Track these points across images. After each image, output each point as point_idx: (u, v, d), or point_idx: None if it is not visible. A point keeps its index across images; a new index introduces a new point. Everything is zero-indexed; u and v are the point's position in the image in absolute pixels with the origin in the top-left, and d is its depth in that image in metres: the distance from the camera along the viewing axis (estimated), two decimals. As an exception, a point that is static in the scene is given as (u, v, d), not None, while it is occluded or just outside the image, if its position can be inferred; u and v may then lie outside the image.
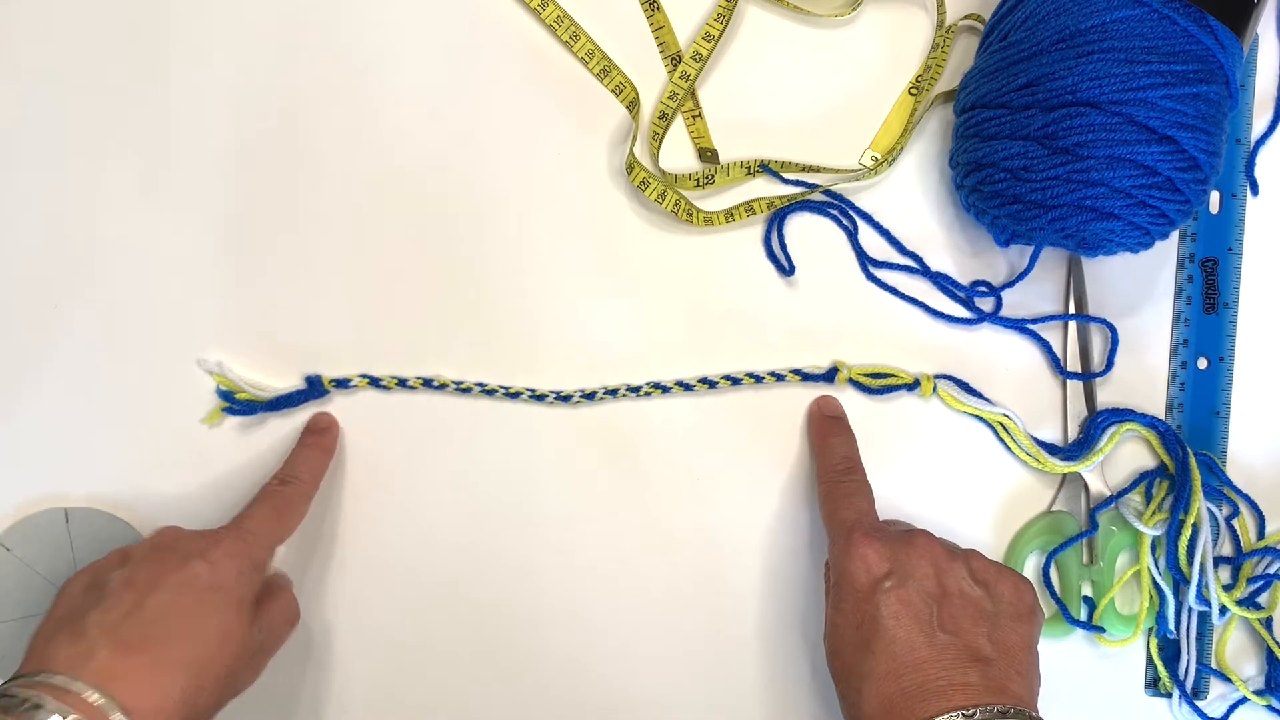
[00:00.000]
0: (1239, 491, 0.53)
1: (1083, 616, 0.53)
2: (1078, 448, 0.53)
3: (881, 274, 0.54)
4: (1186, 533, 0.51)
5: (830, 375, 0.53)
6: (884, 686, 0.42)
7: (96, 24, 0.54)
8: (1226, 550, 0.54)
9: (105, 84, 0.54)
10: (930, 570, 0.45)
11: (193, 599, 0.44)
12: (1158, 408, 0.54)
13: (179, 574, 0.44)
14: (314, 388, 0.53)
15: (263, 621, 0.47)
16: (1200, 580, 0.52)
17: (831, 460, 0.51)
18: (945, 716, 0.40)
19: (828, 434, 0.52)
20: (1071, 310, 0.54)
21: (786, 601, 0.54)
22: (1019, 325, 0.54)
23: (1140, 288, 0.55)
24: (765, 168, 0.54)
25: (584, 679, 0.54)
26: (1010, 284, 0.53)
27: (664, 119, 0.54)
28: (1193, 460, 0.52)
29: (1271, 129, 0.55)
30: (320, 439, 0.53)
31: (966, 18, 0.54)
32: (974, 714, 0.40)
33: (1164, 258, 0.55)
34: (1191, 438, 0.54)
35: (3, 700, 0.39)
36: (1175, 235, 0.54)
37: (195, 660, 0.42)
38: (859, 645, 0.44)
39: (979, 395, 0.54)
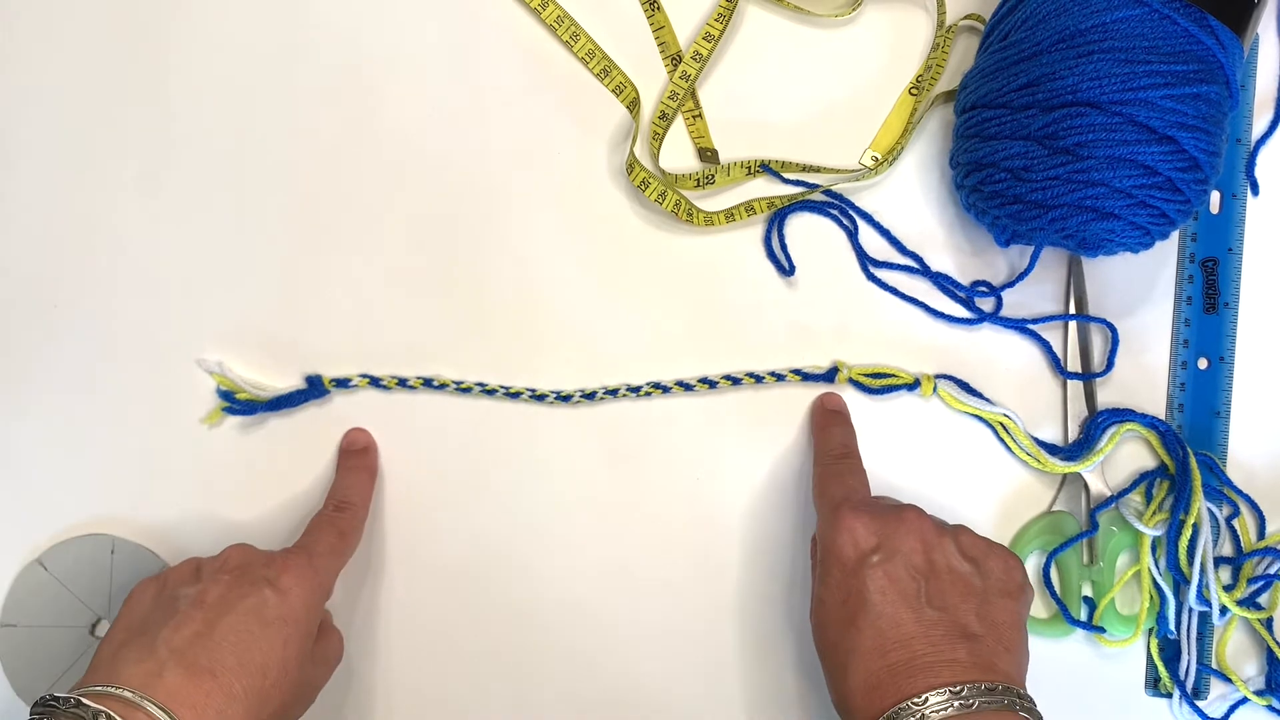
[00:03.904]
0: (1239, 491, 0.53)
1: (1083, 617, 0.53)
2: (1078, 448, 0.53)
3: (881, 274, 0.54)
4: (1187, 533, 0.51)
5: (830, 375, 0.53)
6: (870, 662, 0.41)
7: (97, 24, 0.54)
8: (1227, 550, 0.54)
9: (105, 84, 0.54)
10: (918, 545, 0.44)
11: (260, 628, 0.43)
12: (1158, 408, 0.54)
13: (249, 600, 0.44)
14: (314, 388, 0.53)
15: (318, 656, 0.47)
16: (1200, 580, 0.52)
17: (829, 445, 0.51)
18: (932, 693, 0.39)
19: (828, 424, 0.52)
20: (1072, 310, 0.54)
21: (784, 600, 0.54)
22: (1019, 325, 0.54)
23: (1140, 288, 0.55)
24: (765, 168, 0.54)
25: (583, 673, 0.54)
26: (1010, 284, 0.53)
27: (664, 119, 0.54)
28: (1193, 460, 0.52)
29: (1272, 129, 0.55)
30: (364, 460, 0.53)
31: (967, 18, 0.54)
32: (961, 690, 0.39)
33: (1164, 258, 0.55)
34: (1192, 438, 0.54)
35: (74, 710, 0.39)
36: (1175, 235, 0.54)
37: (258, 691, 0.42)
38: (845, 621, 0.43)
39: (979, 395, 0.54)
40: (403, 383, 0.53)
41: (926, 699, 0.39)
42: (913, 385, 0.53)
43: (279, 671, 0.43)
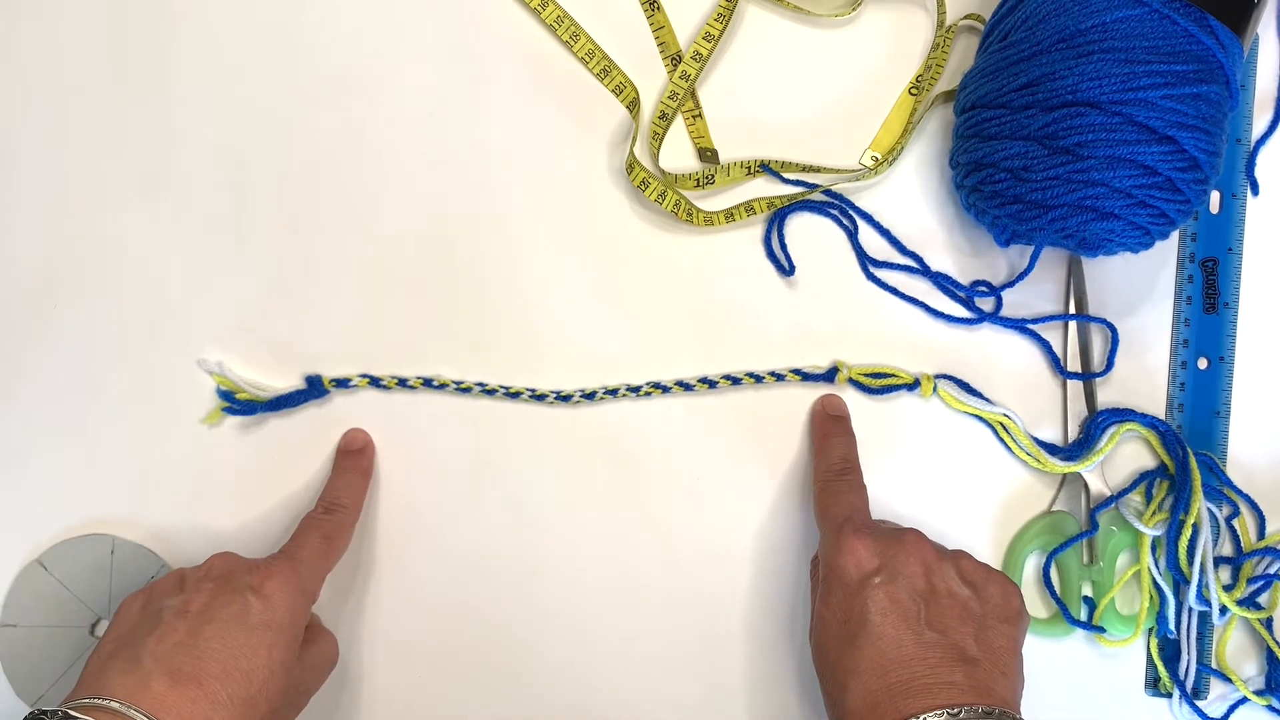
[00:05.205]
0: (1239, 491, 0.53)
1: (1083, 616, 0.53)
2: (1078, 448, 0.53)
3: (881, 274, 0.54)
4: (1186, 533, 0.51)
5: (830, 375, 0.53)
6: (869, 682, 0.42)
7: (97, 24, 0.54)
8: (1227, 550, 0.54)
9: (105, 84, 0.54)
10: (920, 569, 0.45)
11: (244, 634, 0.44)
12: (1158, 408, 0.54)
13: (233, 607, 0.44)
14: (314, 388, 0.53)
15: (307, 661, 0.47)
16: (1200, 580, 0.52)
17: (829, 459, 0.51)
18: (930, 714, 0.40)
19: (828, 433, 0.52)
20: (1071, 310, 0.54)
21: (785, 601, 0.54)
22: (1019, 325, 0.54)
23: (1140, 288, 0.55)
24: (765, 168, 0.54)
25: (581, 676, 0.54)
26: (1010, 284, 0.53)
27: (664, 119, 0.54)
28: (1193, 460, 0.52)
29: (1271, 129, 0.55)
30: (358, 461, 0.53)
31: (966, 18, 0.54)
32: (959, 713, 0.40)
33: (1164, 258, 0.55)
34: (1191, 438, 0.54)
35: None
36: (1175, 235, 0.54)
37: (244, 697, 0.42)
38: (845, 640, 0.44)
39: (979, 395, 0.54)
40: (403, 383, 0.53)
41: None
42: (913, 385, 0.53)
43: (265, 677, 0.43)
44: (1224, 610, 0.52)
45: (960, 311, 0.54)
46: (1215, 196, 0.55)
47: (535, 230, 0.54)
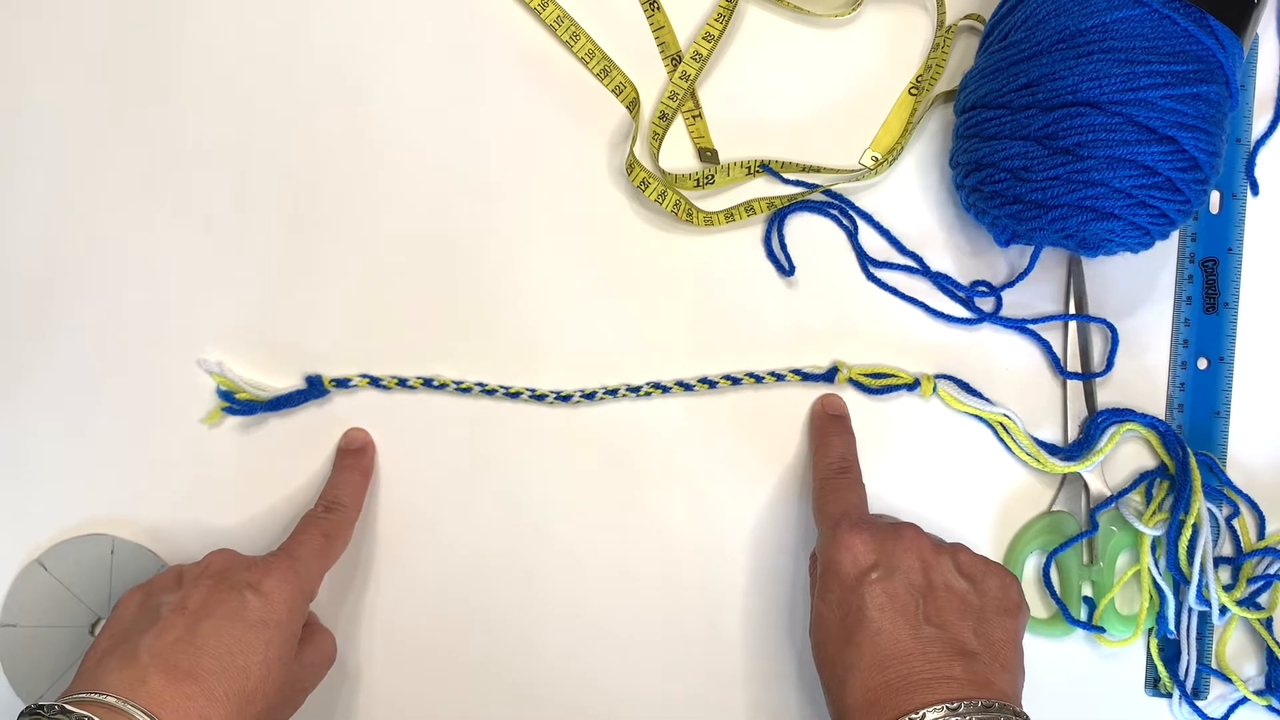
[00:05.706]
0: (1239, 491, 0.53)
1: (1083, 617, 0.53)
2: (1078, 448, 0.53)
3: (881, 274, 0.54)
4: (1186, 533, 0.51)
5: (830, 375, 0.53)
6: (868, 678, 0.42)
7: (98, 24, 0.54)
8: (1226, 550, 0.54)
9: (105, 84, 0.54)
10: (917, 563, 0.45)
11: (241, 631, 0.44)
12: (1158, 408, 0.54)
13: (230, 603, 0.44)
14: (314, 388, 0.53)
15: (304, 659, 0.47)
16: (1200, 580, 0.52)
17: (828, 458, 0.51)
18: (929, 709, 0.39)
19: (828, 433, 0.52)
20: (1071, 310, 0.54)
21: (785, 599, 0.54)
22: (1019, 325, 0.54)
23: (1140, 288, 0.55)
24: (765, 168, 0.54)
25: (581, 676, 0.54)
26: (1010, 284, 0.53)
27: (664, 119, 0.54)
28: (1193, 460, 0.52)
29: (1271, 129, 0.55)
30: (359, 460, 0.53)
31: (966, 18, 0.54)
32: (958, 707, 0.39)
33: (1164, 258, 0.55)
34: (1191, 438, 0.54)
35: (59, 716, 0.39)
36: (1175, 235, 0.54)
37: (240, 693, 0.42)
38: (843, 636, 0.44)
39: (979, 395, 0.54)
40: (403, 383, 0.53)
41: (924, 715, 0.39)
42: (913, 385, 0.53)
43: (262, 674, 0.43)
44: (1224, 610, 0.52)
45: (960, 311, 0.54)
46: (1215, 196, 0.55)
47: (535, 230, 0.54)
